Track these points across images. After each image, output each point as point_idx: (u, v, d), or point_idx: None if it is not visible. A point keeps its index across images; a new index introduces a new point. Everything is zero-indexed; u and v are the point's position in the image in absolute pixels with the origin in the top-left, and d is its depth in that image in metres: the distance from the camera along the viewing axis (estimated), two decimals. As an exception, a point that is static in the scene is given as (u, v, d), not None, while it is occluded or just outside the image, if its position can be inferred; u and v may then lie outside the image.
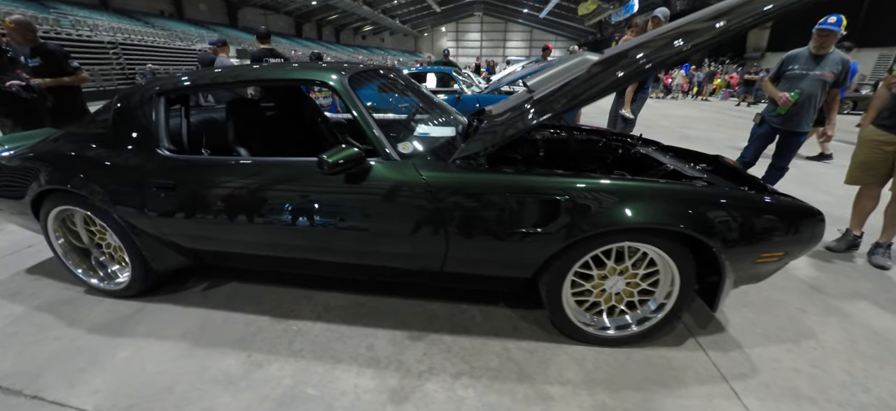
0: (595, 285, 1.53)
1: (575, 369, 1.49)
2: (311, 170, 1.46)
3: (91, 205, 1.66)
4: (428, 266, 1.57)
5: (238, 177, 1.54)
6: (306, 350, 1.59)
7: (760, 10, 1.22)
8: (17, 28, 2.86)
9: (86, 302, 1.89)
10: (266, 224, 1.54)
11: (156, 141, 1.60)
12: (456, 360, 1.54)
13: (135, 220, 1.63)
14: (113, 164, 1.61)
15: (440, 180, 1.40)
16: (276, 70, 1.64)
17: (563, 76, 1.77)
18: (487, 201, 1.37)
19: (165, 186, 1.55)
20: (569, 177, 1.37)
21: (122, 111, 1.69)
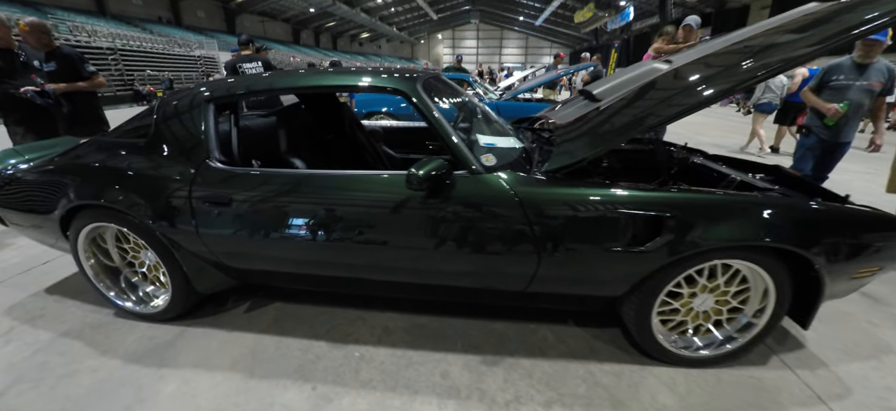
0: (683, 304, 1.44)
1: (667, 393, 1.39)
2: (387, 182, 1.35)
3: (129, 221, 1.50)
4: (510, 286, 1.45)
5: (302, 192, 1.39)
6: (376, 379, 1.44)
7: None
8: (32, 31, 2.69)
9: (117, 326, 1.71)
10: (332, 242, 1.40)
11: (206, 151, 1.45)
12: (541, 387, 1.42)
13: (180, 238, 1.47)
14: (157, 177, 1.46)
15: (533, 195, 1.28)
16: (341, 76, 1.50)
17: (633, 85, 1.67)
18: (585, 217, 1.26)
19: (219, 201, 1.40)
20: (674, 192, 1.28)
21: (165, 119, 1.54)
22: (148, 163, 1.48)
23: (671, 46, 3.64)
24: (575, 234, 1.28)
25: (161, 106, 1.58)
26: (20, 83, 2.70)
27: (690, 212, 1.23)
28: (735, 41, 1.59)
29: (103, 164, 1.52)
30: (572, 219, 1.27)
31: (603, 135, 1.40)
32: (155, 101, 1.56)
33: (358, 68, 1.61)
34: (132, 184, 1.46)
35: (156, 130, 1.53)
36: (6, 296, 1.98)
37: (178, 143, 1.48)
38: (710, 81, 1.33)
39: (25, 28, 2.67)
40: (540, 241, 1.29)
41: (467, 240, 1.33)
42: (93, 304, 1.88)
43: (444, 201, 1.30)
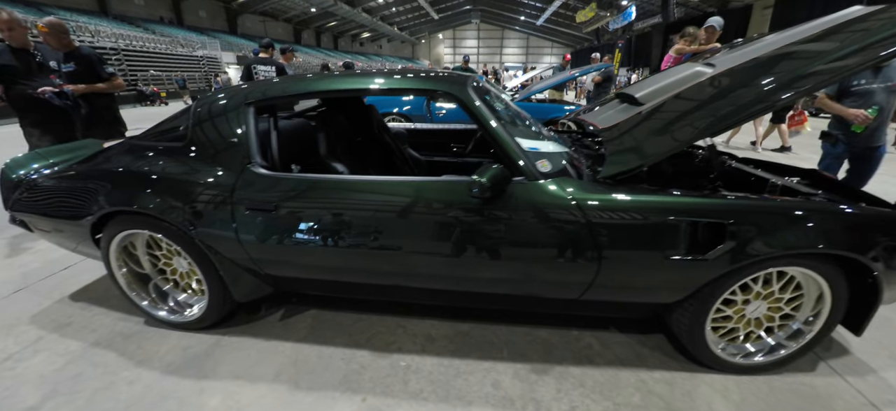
0: (736, 311, 1.41)
1: (722, 402, 1.36)
2: (445, 188, 1.30)
3: (165, 227, 1.44)
4: (564, 294, 1.40)
5: (352, 198, 1.34)
6: (426, 390, 1.38)
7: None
8: (51, 31, 2.63)
9: (150, 335, 1.65)
10: (382, 249, 1.35)
11: (248, 156, 1.39)
12: (595, 396, 1.38)
13: (220, 245, 1.41)
14: (197, 182, 1.40)
15: (594, 201, 1.25)
16: (389, 78, 1.44)
17: (679, 88, 1.62)
18: (646, 224, 1.23)
19: (264, 208, 1.34)
20: (735, 199, 1.25)
21: (202, 123, 1.49)
22: (187, 168, 1.42)
23: (693, 47, 3.59)
24: (636, 242, 1.25)
25: (197, 109, 1.52)
26: (37, 84, 2.64)
27: (753, 220, 1.20)
28: (781, 45, 1.54)
29: (139, 169, 1.46)
30: (633, 227, 1.23)
31: (663, 139, 1.35)
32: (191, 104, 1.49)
33: (402, 70, 1.56)
34: (171, 190, 1.41)
35: (194, 134, 1.48)
36: (30, 302, 1.92)
37: (218, 148, 1.42)
38: (775, 86, 1.27)
39: (44, 28, 2.60)
40: (600, 249, 1.25)
41: (524, 248, 1.29)
42: (120, 312, 1.82)
43: (503, 208, 1.26)
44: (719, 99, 1.37)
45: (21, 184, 1.65)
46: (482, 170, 1.18)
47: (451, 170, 2.59)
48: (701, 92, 1.47)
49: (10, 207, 1.69)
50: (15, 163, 1.77)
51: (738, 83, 1.39)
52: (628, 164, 1.30)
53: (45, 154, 1.89)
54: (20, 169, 1.72)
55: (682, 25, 21.98)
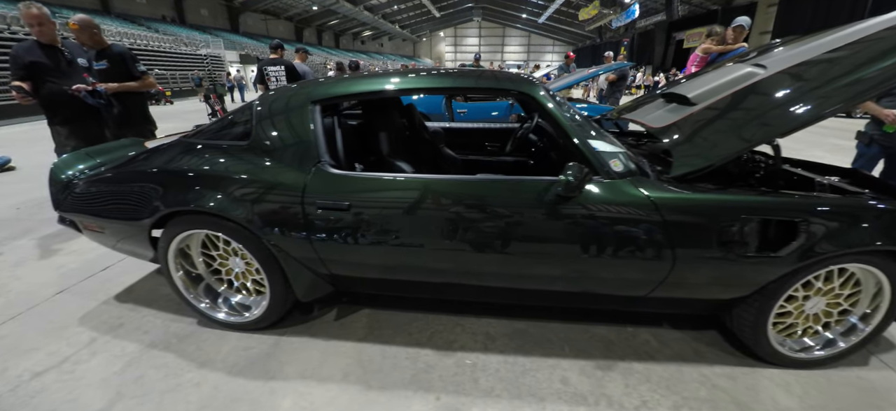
0: (797, 307, 1.43)
1: (785, 395, 1.38)
2: (522, 187, 1.30)
3: (229, 227, 1.42)
4: (632, 291, 1.40)
5: (428, 197, 1.32)
6: (497, 388, 1.37)
7: None
8: (83, 28, 2.59)
9: (206, 336, 1.63)
10: (455, 248, 1.33)
11: (317, 155, 1.37)
12: (662, 391, 1.38)
13: (289, 245, 1.39)
14: (265, 181, 1.38)
15: (670, 200, 1.25)
16: (462, 77, 1.43)
17: (735, 88, 1.59)
18: (720, 222, 1.24)
19: (337, 207, 1.32)
20: (805, 197, 1.27)
21: (266, 121, 1.46)
22: (254, 167, 1.40)
23: (720, 47, 3.56)
24: (710, 240, 1.25)
25: (259, 108, 1.50)
26: (66, 82, 2.61)
27: (823, 218, 1.22)
28: (839, 45, 1.51)
29: (204, 169, 1.43)
30: (709, 225, 1.24)
31: (734, 139, 1.32)
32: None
33: (470, 70, 1.53)
34: (239, 190, 1.38)
35: (259, 134, 1.45)
36: (74, 304, 1.90)
37: (287, 147, 1.40)
38: (846, 86, 1.25)
39: (75, 26, 2.56)
40: (675, 247, 1.26)
41: (600, 246, 1.29)
42: (170, 313, 1.80)
43: (581, 208, 1.26)
44: (793, 99, 1.33)
45: (71, 184, 1.63)
46: (570, 169, 1.19)
47: (485, 169, 2.57)
48: (767, 92, 1.44)
49: (61, 208, 1.66)
50: (64, 164, 1.75)
51: (812, 83, 1.35)
52: (697, 164, 1.29)
53: (92, 153, 1.86)
54: (68, 169, 1.70)
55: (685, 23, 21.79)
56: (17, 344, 1.60)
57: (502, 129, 2.76)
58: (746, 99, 1.47)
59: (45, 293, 2.00)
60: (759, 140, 1.29)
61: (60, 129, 2.73)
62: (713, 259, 1.27)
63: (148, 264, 2.21)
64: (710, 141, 1.41)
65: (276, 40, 4.57)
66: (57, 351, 1.57)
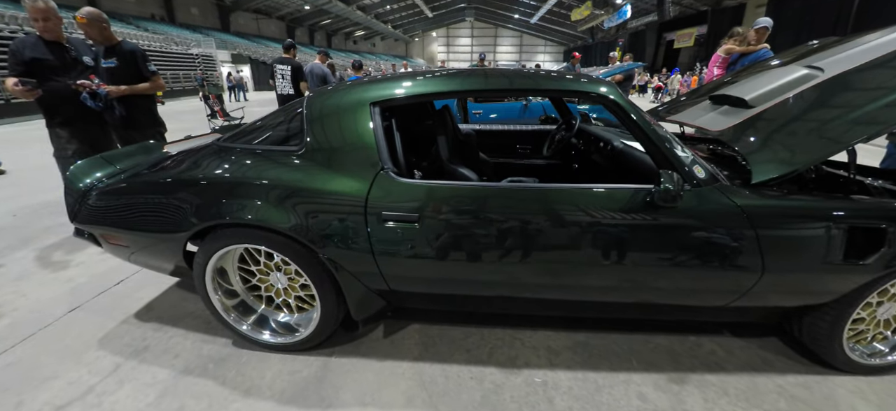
0: (870, 313, 1.39)
1: (863, 403, 1.34)
2: (605, 196, 1.21)
3: (279, 241, 1.29)
4: (715, 301, 1.33)
5: (505, 207, 1.22)
6: (575, 408, 1.29)
7: None
8: (92, 23, 2.39)
9: (246, 359, 1.49)
10: (529, 260, 1.23)
11: (379, 162, 1.25)
12: (743, 404, 1.32)
13: (348, 258, 1.27)
14: (324, 190, 1.25)
15: (761, 208, 1.19)
16: (536, 79, 1.34)
17: (792, 90, 1.53)
18: (811, 229, 1.19)
19: (405, 218, 1.20)
20: (890, 202, 1.21)
21: (320, 125, 1.34)
22: (309, 175, 1.27)
23: (743, 48, 3.53)
24: (800, 247, 1.20)
25: (310, 109, 1.37)
26: (62, 82, 2.41)
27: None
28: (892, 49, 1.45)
29: (249, 177, 1.30)
30: (799, 232, 1.19)
31: (818, 143, 1.24)
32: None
33: (546, 72, 1.43)
34: (293, 200, 1.25)
35: (312, 138, 1.32)
36: (90, 323, 1.73)
37: (346, 152, 1.28)
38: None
39: (83, 20, 2.37)
40: (765, 255, 1.19)
41: (688, 256, 1.21)
42: (200, 332, 1.65)
43: (671, 216, 1.18)
44: (872, 101, 1.25)
45: (89, 193, 1.47)
46: (668, 178, 1.12)
47: (517, 172, 2.47)
48: (838, 94, 1.37)
49: (79, 219, 1.50)
50: (80, 171, 1.59)
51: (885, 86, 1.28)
52: (781, 170, 1.22)
53: (109, 159, 1.71)
54: (86, 177, 1.54)
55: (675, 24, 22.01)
56: (31, 372, 1.44)
57: (532, 131, 2.67)
58: (817, 102, 1.39)
59: (57, 311, 1.83)
60: (845, 143, 1.22)
61: (60, 132, 2.53)
62: (802, 267, 1.21)
63: (164, 278, 2.06)
64: (789, 145, 1.33)
65: (288, 41, 4.70)
66: (78, 379, 1.42)
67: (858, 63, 1.49)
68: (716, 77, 3.69)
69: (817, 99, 1.40)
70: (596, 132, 2.10)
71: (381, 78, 1.46)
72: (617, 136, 1.95)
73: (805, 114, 1.38)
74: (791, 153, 1.27)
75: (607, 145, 1.90)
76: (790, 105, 1.47)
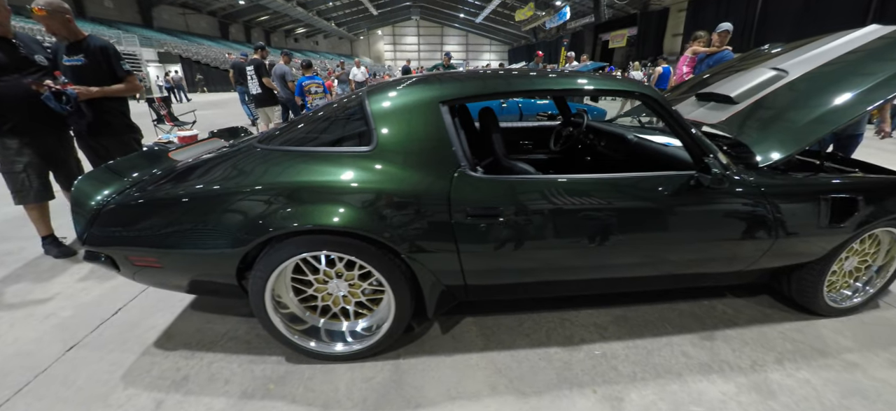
0: (839, 266, 1.72)
1: (843, 339, 1.66)
2: (664, 182, 1.37)
3: (355, 246, 1.26)
4: (739, 267, 1.58)
5: (576, 198, 1.33)
6: (638, 372, 1.45)
7: None
8: (52, 14, 2.04)
9: (308, 373, 1.44)
10: (592, 246, 1.36)
11: (456, 160, 1.29)
12: (761, 350, 1.58)
13: (431, 258, 1.29)
14: (404, 191, 1.26)
15: (775, 187, 1.44)
16: (589, 79, 1.46)
17: (770, 87, 1.85)
18: (811, 202, 1.46)
19: (488, 214, 1.26)
20: (866, 178, 1.56)
21: (389, 124, 1.34)
22: (385, 176, 1.26)
23: (707, 49, 3.94)
24: (803, 217, 1.47)
25: (375, 108, 1.35)
26: (16, 82, 2.06)
27: (875, 194, 1.50)
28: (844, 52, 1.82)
29: (319, 180, 1.25)
30: (802, 204, 1.46)
31: (810, 127, 1.52)
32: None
33: (586, 74, 1.55)
34: (375, 202, 1.24)
35: (383, 137, 1.31)
36: (101, 361, 1.53)
37: (423, 152, 1.29)
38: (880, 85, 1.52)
39: (42, 11, 2.02)
40: (777, 226, 1.45)
41: (721, 230, 1.43)
42: (244, 354, 1.54)
43: (709, 197, 1.39)
44: (848, 90, 1.57)
45: (105, 210, 1.30)
46: (712, 164, 1.31)
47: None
48: (820, 85, 1.66)
49: (94, 241, 1.33)
50: (88, 187, 1.40)
51: (852, 79, 1.60)
52: (782, 153, 1.48)
53: (116, 169, 1.53)
54: (97, 192, 1.36)
55: (609, 26, 23.87)
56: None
57: (535, 128, 2.82)
58: (798, 96, 1.69)
59: (50, 353, 1.58)
60: (835, 125, 1.50)
61: (9, 142, 2.14)
62: (802, 232, 1.49)
63: (169, 301, 1.88)
64: (784, 132, 1.60)
65: (259, 43, 5.40)
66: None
67: (817, 64, 1.84)
68: (686, 75, 4.10)
69: (797, 93, 1.70)
70: (605, 127, 2.30)
71: (441, 76, 1.49)
72: (626, 131, 2.16)
73: (791, 106, 1.67)
74: (787, 139, 1.54)
75: (620, 139, 2.10)
76: (773, 100, 1.76)
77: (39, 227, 2.39)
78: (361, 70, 10.35)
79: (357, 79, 10.22)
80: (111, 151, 2.47)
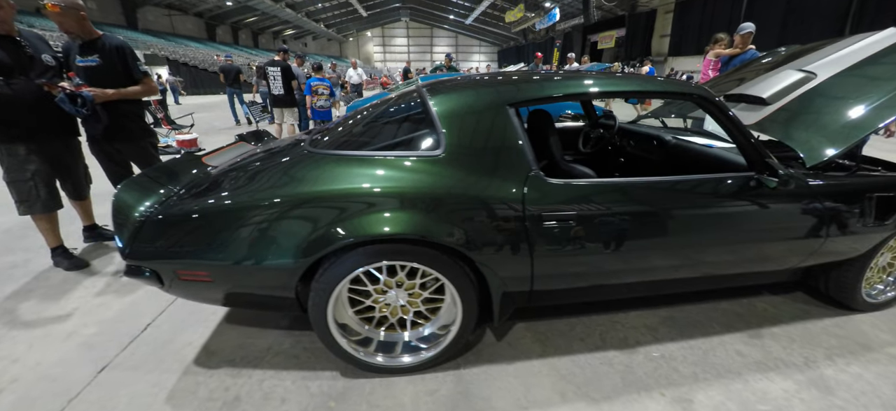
0: (875, 262, 1.74)
1: (880, 332, 1.70)
2: (729, 184, 1.39)
3: (427, 254, 1.23)
4: (791, 265, 1.61)
5: (642, 200, 1.33)
6: (699, 372, 1.46)
7: None
8: (67, 10, 1.93)
9: (368, 388, 1.39)
10: (657, 247, 1.38)
11: (527, 163, 1.27)
12: (808, 346, 1.61)
13: (504, 263, 1.27)
14: (480, 196, 1.23)
15: (824, 188, 1.47)
16: (642, 82, 1.46)
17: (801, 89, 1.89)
18: (854, 200, 1.50)
19: (565, 218, 1.25)
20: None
21: (458, 127, 1.32)
22: (458, 181, 1.24)
23: (730, 51, 3.94)
24: (849, 215, 1.50)
25: (441, 110, 1.33)
26: (25, 84, 1.95)
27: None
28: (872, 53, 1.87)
29: (389, 187, 1.22)
30: (848, 203, 1.49)
31: (852, 128, 1.55)
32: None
33: (643, 76, 1.55)
34: (450, 208, 1.22)
35: (453, 141, 1.29)
36: (139, 382, 1.44)
37: (496, 156, 1.28)
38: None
39: (57, 8, 1.91)
40: (829, 225, 1.48)
41: (779, 230, 1.47)
42: (295, 370, 1.49)
43: (770, 198, 1.41)
44: (884, 91, 1.60)
45: (150, 222, 1.23)
46: (777, 165, 1.34)
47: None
48: (856, 86, 1.69)
49: (141, 254, 1.25)
50: (131, 197, 1.34)
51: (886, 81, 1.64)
52: (828, 155, 1.49)
53: (155, 176, 1.45)
54: (140, 203, 1.29)
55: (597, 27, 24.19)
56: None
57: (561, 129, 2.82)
58: (833, 98, 1.72)
59: (79, 375, 1.48)
60: (869, 129, 1.53)
61: (18, 148, 2.02)
62: (849, 230, 1.52)
63: (204, 313, 1.80)
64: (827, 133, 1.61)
65: (283, 46, 5.73)
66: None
67: (845, 66, 1.87)
68: (711, 77, 4.05)
69: (833, 95, 1.73)
70: (637, 129, 2.30)
71: (502, 78, 1.46)
72: (662, 132, 2.17)
73: (829, 107, 1.69)
74: (834, 138, 1.55)
75: (656, 140, 2.11)
76: (809, 101, 1.78)
77: (49, 238, 2.27)
78: (358, 71, 10.22)
79: (353, 81, 10.08)
80: (126, 156, 2.36)
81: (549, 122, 1.69)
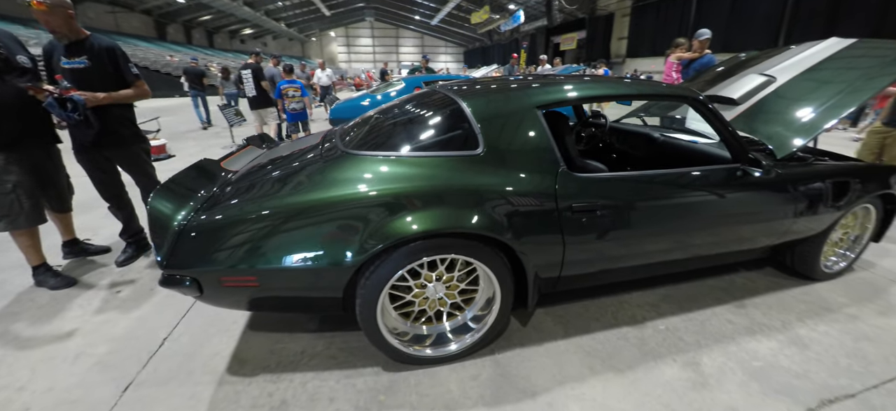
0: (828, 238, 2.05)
1: (839, 296, 2.00)
2: (721, 174, 1.62)
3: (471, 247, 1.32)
4: (770, 243, 1.87)
5: (653, 191, 1.51)
6: (701, 340, 1.66)
7: None
8: (54, 9, 1.81)
9: (412, 380, 1.46)
10: (669, 234, 1.57)
11: (555, 160, 1.41)
12: (782, 312, 1.88)
13: (539, 253, 1.40)
14: (519, 190, 1.35)
15: (793, 176, 1.74)
16: (652, 86, 1.64)
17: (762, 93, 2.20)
18: (817, 185, 1.78)
19: (591, 209, 1.40)
20: (860, 164, 1.93)
21: (493, 128, 1.42)
22: (498, 177, 1.35)
23: (689, 54, 4.35)
24: (812, 197, 1.78)
25: (476, 112, 1.43)
26: (6, 87, 1.81)
27: (863, 177, 1.85)
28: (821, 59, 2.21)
29: (435, 185, 1.30)
30: (812, 187, 1.77)
31: (811, 123, 1.83)
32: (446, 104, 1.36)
33: (648, 82, 1.73)
34: (493, 202, 1.32)
35: (489, 141, 1.39)
36: (171, 398, 1.40)
37: (528, 154, 1.40)
38: (860, 87, 1.87)
39: (42, 6, 1.78)
40: (798, 206, 1.75)
41: (759, 212, 1.71)
42: (337, 370, 1.52)
43: (756, 185, 1.65)
44: (840, 93, 1.90)
45: (190, 229, 1.23)
46: (760, 158, 1.58)
47: None
48: (812, 87, 1.99)
49: (184, 263, 1.24)
50: (167, 206, 1.33)
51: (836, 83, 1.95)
52: (793, 147, 1.76)
53: (182, 182, 1.44)
54: (177, 212, 1.28)
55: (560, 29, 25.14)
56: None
57: None
58: (796, 97, 2.01)
59: (102, 395, 1.42)
60: (831, 119, 1.81)
61: None
62: (811, 211, 1.80)
63: (225, 322, 1.79)
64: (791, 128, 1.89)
65: (257, 50, 5.88)
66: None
67: (800, 70, 2.18)
68: (676, 80, 4.48)
69: (793, 95, 2.02)
70: (626, 127, 2.52)
71: (529, 82, 1.59)
72: (650, 130, 2.40)
73: (791, 105, 1.98)
74: (798, 131, 1.83)
75: (645, 138, 2.33)
76: (773, 101, 2.07)
77: (30, 256, 2.10)
78: (328, 72, 10.01)
79: (322, 82, 9.85)
80: (114, 163, 2.24)
81: (564, 123, 1.85)
